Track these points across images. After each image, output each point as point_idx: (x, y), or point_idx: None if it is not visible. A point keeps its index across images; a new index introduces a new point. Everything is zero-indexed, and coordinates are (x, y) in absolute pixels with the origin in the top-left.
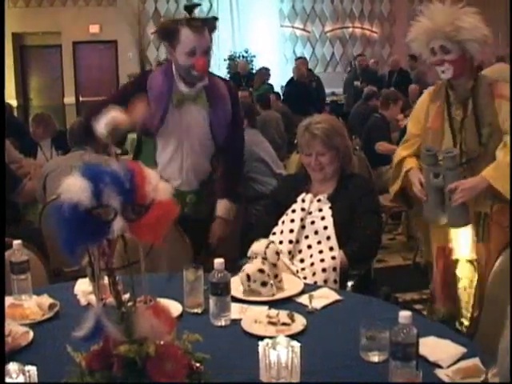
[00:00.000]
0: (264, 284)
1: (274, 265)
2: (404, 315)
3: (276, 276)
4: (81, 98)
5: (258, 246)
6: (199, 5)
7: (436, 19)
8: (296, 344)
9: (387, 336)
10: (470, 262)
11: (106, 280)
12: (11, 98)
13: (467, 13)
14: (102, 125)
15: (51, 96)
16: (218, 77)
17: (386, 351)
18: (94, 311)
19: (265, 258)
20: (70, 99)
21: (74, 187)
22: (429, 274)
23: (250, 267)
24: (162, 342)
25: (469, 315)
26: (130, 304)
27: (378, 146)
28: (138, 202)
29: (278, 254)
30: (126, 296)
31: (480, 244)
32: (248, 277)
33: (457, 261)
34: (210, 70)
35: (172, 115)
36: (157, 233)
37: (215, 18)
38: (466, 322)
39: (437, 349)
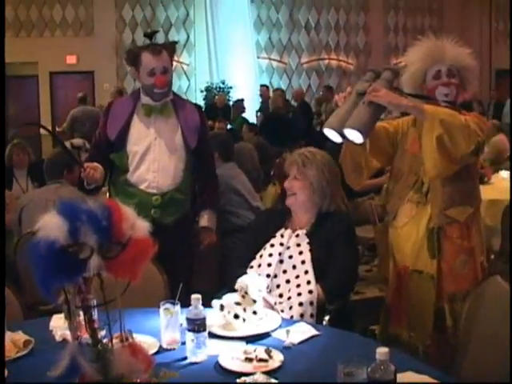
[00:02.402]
0: (236, 317)
1: (255, 301)
2: (381, 352)
3: (255, 313)
4: (57, 129)
5: (245, 280)
6: (157, 32)
7: (440, 42)
8: (274, 381)
9: (365, 372)
10: (431, 277)
11: (81, 317)
12: None
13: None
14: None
15: (27, 126)
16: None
17: None
18: (70, 350)
19: (246, 293)
20: None
21: (51, 224)
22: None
23: (226, 298)
24: (138, 380)
25: (427, 332)
26: (106, 341)
27: None
28: (115, 240)
29: (260, 291)
30: (103, 333)
31: (434, 260)
32: (222, 307)
33: (416, 276)
34: (186, 98)
35: (139, 125)
36: (134, 270)
37: (174, 43)
38: (420, 338)
39: None
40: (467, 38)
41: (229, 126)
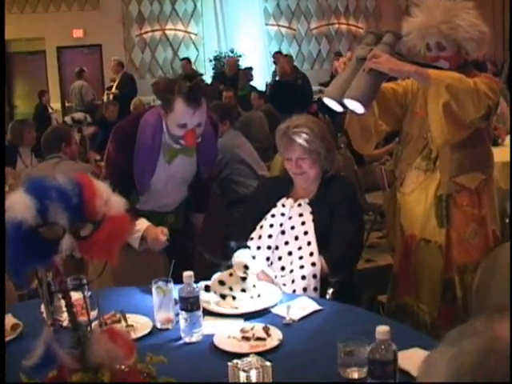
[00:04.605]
0: (223, 296)
1: (244, 278)
2: (381, 331)
3: (243, 290)
4: (67, 104)
5: (237, 257)
6: (202, 74)
7: (432, 15)
8: (267, 364)
9: (366, 351)
10: (439, 246)
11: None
12: None
13: (464, 9)
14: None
15: (37, 102)
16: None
17: (365, 367)
18: (45, 337)
19: (247, 267)
20: (55, 105)
21: (17, 204)
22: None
23: (213, 278)
24: (123, 367)
25: (435, 303)
26: (95, 324)
27: None
28: (88, 218)
29: (246, 267)
30: (94, 313)
31: (442, 229)
32: (207, 288)
33: (424, 245)
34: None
35: (160, 168)
36: (109, 250)
37: (215, 86)
38: (427, 309)
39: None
40: None
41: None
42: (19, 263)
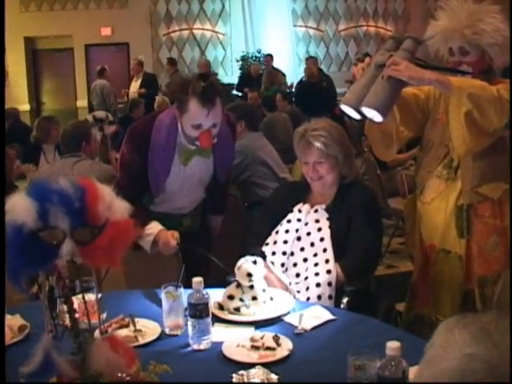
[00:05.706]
0: (237, 309)
1: (251, 287)
2: (392, 346)
3: (254, 298)
4: (93, 102)
5: (239, 267)
6: (216, 74)
7: (456, 19)
8: (273, 377)
9: (377, 365)
10: (459, 257)
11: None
12: (24, 103)
13: (489, 13)
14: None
15: (64, 99)
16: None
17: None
18: (43, 344)
19: (250, 275)
20: (82, 102)
21: (18, 207)
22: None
23: (223, 295)
24: (124, 375)
25: (454, 315)
26: (104, 328)
27: None
28: (90, 223)
29: (250, 275)
30: (104, 315)
31: (462, 240)
32: (220, 306)
33: (444, 256)
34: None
35: (176, 169)
36: (112, 256)
37: (230, 86)
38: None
39: None
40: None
41: None
42: (19, 267)
